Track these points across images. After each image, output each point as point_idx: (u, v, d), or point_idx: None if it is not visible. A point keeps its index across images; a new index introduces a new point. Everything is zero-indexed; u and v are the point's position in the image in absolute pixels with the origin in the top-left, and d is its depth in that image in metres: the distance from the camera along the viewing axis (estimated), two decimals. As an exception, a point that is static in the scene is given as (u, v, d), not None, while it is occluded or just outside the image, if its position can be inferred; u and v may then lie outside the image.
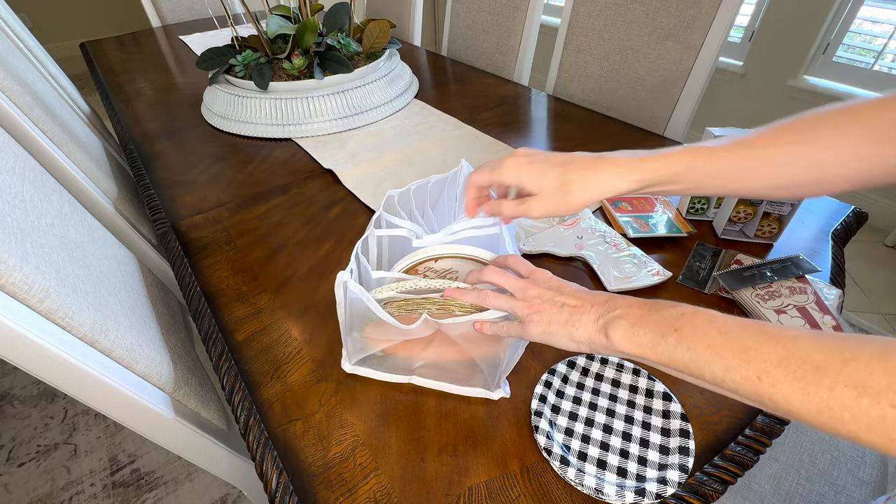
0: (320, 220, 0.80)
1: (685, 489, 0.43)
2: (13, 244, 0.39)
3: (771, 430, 0.48)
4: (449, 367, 0.52)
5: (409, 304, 0.45)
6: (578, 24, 1.21)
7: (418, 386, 0.53)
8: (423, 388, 0.53)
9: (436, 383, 0.53)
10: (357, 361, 0.54)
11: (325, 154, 0.99)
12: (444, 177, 0.57)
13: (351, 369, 0.54)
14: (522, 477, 0.45)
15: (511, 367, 0.49)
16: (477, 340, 0.48)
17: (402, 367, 0.53)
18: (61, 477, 1.15)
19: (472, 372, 0.51)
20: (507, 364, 0.48)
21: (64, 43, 3.21)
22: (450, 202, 0.57)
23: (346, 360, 0.55)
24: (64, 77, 1.29)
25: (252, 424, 0.49)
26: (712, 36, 0.97)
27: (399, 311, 0.46)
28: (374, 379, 0.54)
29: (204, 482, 1.12)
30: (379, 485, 0.45)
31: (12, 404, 1.31)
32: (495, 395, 0.51)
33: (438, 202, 0.58)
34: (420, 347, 0.52)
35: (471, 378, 0.51)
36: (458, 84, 1.35)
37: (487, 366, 0.50)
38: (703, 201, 0.75)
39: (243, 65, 1.07)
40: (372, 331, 0.49)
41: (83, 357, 0.43)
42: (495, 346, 0.47)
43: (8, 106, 0.71)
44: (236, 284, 0.67)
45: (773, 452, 0.63)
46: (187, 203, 0.85)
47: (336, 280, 0.43)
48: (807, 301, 0.57)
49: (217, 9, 1.92)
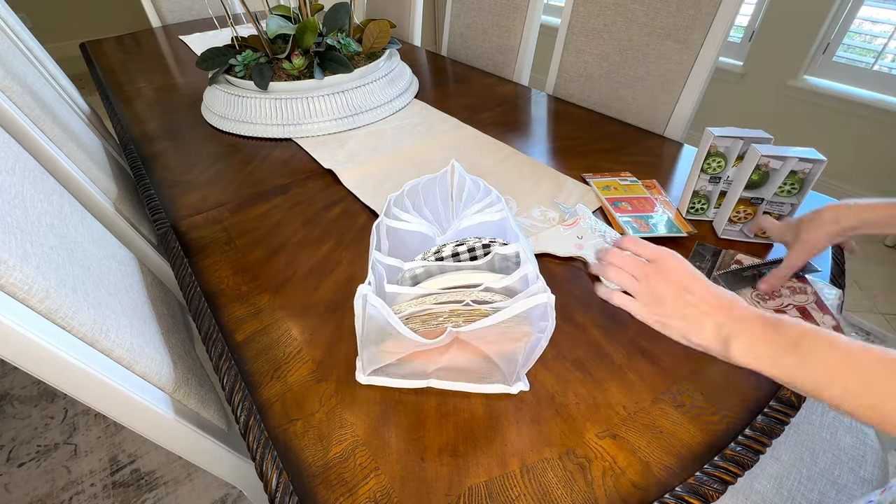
0: (320, 220, 0.80)
1: (685, 489, 0.43)
2: (13, 244, 0.39)
3: (771, 430, 0.48)
4: (466, 368, 0.52)
5: (433, 317, 0.44)
6: (578, 24, 1.21)
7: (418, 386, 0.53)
8: (422, 387, 0.53)
9: (454, 384, 0.52)
10: (371, 372, 0.53)
11: (325, 154, 0.99)
12: (434, 176, 0.59)
13: (366, 381, 0.53)
14: (522, 477, 0.45)
15: (533, 361, 0.49)
16: (495, 339, 0.47)
17: (418, 373, 0.52)
18: (61, 477, 1.15)
19: (489, 369, 0.52)
20: (530, 358, 0.48)
21: (64, 43, 3.21)
22: (444, 201, 0.60)
23: (360, 373, 0.53)
24: (64, 77, 1.29)
25: (252, 424, 0.49)
26: (712, 36, 0.97)
27: (424, 326, 0.45)
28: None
29: (204, 482, 1.12)
30: (379, 485, 0.45)
31: (12, 404, 1.31)
32: (514, 388, 0.52)
33: (429, 199, 0.60)
34: (438, 352, 0.51)
35: (489, 375, 0.52)
36: (458, 84, 1.35)
37: (505, 362, 0.50)
38: (704, 201, 0.75)
39: (243, 65, 1.07)
40: (392, 346, 0.48)
41: (83, 357, 0.43)
42: (513, 343, 0.47)
43: (8, 106, 0.71)
44: (236, 284, 0.67)
45: (775, 452, 0.63)
46: (187, 203, 0.85)
47: (356, 293, 0.42)
48: (807, 301, 0.57)
49: (217, 9, 1.92)
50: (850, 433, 0.65)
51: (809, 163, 0.63)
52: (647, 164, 0.92)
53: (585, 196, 0.83)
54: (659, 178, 0.86)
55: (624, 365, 0.55)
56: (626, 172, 0.87)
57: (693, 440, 0.47)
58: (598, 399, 0.51)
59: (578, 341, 0.57)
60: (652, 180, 0.85)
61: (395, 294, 0.46)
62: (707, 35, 0.98)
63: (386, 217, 0.53)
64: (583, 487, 0.44)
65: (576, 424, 0.49)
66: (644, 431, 0.48)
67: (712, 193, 0.74)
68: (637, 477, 0.45)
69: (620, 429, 0.49)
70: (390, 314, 0.42)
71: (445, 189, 0.60)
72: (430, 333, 0.44)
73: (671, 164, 0.93)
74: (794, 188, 0.66)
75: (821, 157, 0.63)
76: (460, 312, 0.44)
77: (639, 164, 0.91)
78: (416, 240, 0.53)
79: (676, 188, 0.84)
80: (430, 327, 0.45)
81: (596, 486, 0.44)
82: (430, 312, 0.44)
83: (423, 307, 0.44)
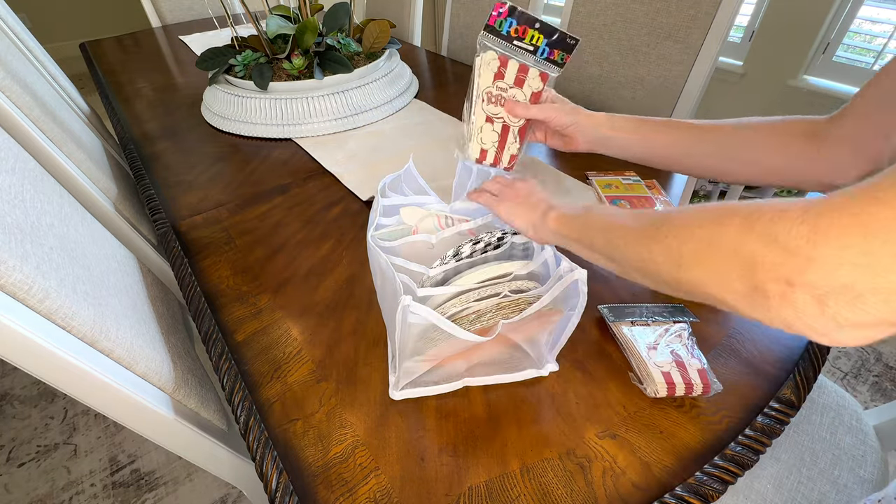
0: (320, 220, 0.80)
1: (685, 489, 0.43)
2: (13, 244, 0.39)
3: (771, 430, 0.48)
4: (498, 360, 0.53)
5: (480, 315, 0.44)
6: (578, 24, 1.21)
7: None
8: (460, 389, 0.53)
9: (488, 378, 0.53)
10: (405, 385, 0.52)
11: (325, 154, 0.99)
12: (398, 174, 0.63)
13: (400, 396, 0.52)
14: (522, 477, 0.45)
15: (565, 340, 0.50)
16: (528, 325, 0.48)
17: (452, 375, 0.52)
18: (61, 477, 1.15)
19: (519, 357, 0.52)
20: (560, 337, 0.50)
21: (64, 43, 3.21)
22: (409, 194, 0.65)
23: (393, 389, 0.52)
24: (64, 77, 1.29)
25: (252, 424, 0.49)
26: (712, 36, 0.97)
27: (472, 326, 0.44)
28: (373, 378, 0.54)
29: (204, 482, 1.12)
30: (379, 485, 0.45)
31: (12, 404, 1.31)
32: (545, 370, 0.53)
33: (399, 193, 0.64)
34: (472, 350, 0.51)
35: (520, 363, 0.53)
36: (458, 84, 1.35)
37: (533, 347, 0.51)
38: (704, 201, 0.75)
39: (243, 65, 1.07)
40: (437, 351, 0.47)
41: (83, 357, 0.43)
42: (542, 326, 0.48)
43: (8, 106, 0.71)
44: (236, 284, 0.67)
45: (774, 452, 0.63)
46: (187, 203, 0.85)
47: (399, 304, 0.40)
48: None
49: (217, 9, 1.92)
50: (850, 433, 0.65)
51: (809, 163, 0.63)
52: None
53: (585, 195, 0.83)
54: (659, 178, 0.86)
55: (624, 365, 0.55)
56: (630, 172, 0.87)
57: (693, 440, 0.47)
58: (598, 399, 0.51)
59: (578, 341, 0.57)
60: (652, 180, 0.85)
61: (427, 297, 0.46)
62: (707, 35, 0.98)
63: (382, 198, 0.56)
64: (583, 487, 0.44)
65: (576, 424, 0.49)
66: (644, 431, 0.48)
67: (712, 193, 0.74)
68: (637, 477, 0.45)
69: (620, 429, 0.49)
70: (441, 319, 0.41)
71: (416, 184, 0.63)
72: (481, 331, 0.44)
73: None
74: (793, 189, 0.66)
75: (821, 157, 0.62)
76: (506, 305, 0.44)
77: (639, 164, 0.91)
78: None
79: (677, 188, 0.84)
80: (479, 325, 0.44)
81: (596, 486, 0.44)
82: (475, 311, 0.44)
83: (466, 305, 0.44)
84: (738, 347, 0.56)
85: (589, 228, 0.43)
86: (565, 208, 0.47)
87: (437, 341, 0.44)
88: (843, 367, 1.34)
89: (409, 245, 0.54)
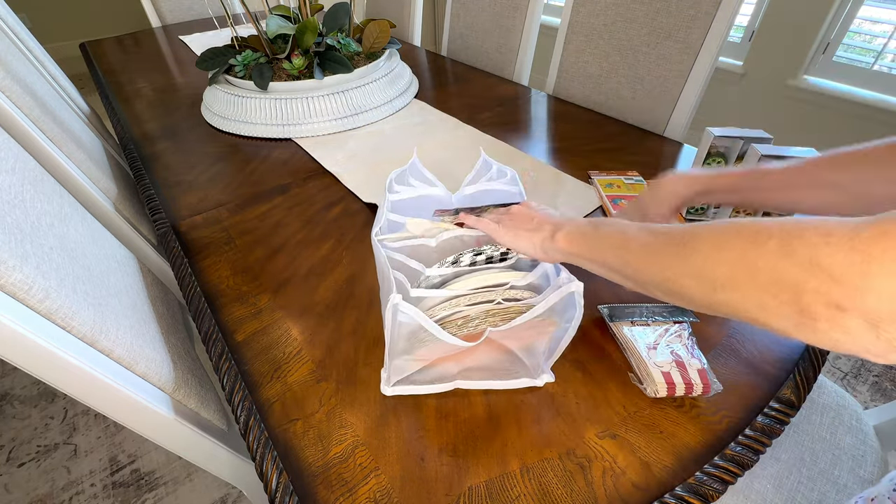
0: (320, 220, 0.80)
1: (685, 489, 0.43)
2: (13, 244, 0.39)
3: (771, 430, 0.48)
4: (491, 366, 0.52)
5: (468, 321, 0.44)
6: (578, 24, 1.21)
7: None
8: (449, 390, 0.53)
9: (480, 383, 0.52)
10: (396, 381, 0.52)
11: (325, 154, 0.99)
12: (404, 168, 0.64)
13: (391, 391, 0.52)
14: (522, 477, 0.45)
15: (560, 352, 0.49)
16: (522, 334, 0.48)
17: (444, 376, 0.52)
18: (61, 477, 1.15)
19: (514, 365, 0.52)
20: (556, 349, 0.49)
21: (64, 43, 3.21)
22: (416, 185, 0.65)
23: (384, 384, 0.52)
24: (64, 77, 1.29)
25: (252, 424, 0.49)
26: (712, 36, 0.97)
27: (460, 330, 0.45)
28: (374, 379, 0.54)
29: (204, 482, 1.12)
30: (379, 485, 0.45)
31: (12, 404, 1.31)
32: (540, 381, 0.52)
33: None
34: (465, 353, 0.51)
35: (514, 370, 0.52)
36: (458, 84, 1.35)
37: (529, 355, 0.51)
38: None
39: (243, 65, 1.07)
40: (426, 352, 0.47)
41: (83, 357, 0.43)
42: (538, 336, 0.48)
43: (8, 106, 0.71)
44: (236, 284, 0.67)
45: (774, 452, 0.63)
46: (187, 203, 0.85)
47: (389, 302, 0.41)
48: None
49: (217, 9, 1.92)
50: (850, 433, 0.65)
51: (809, 163, 0.63)
52: (648, 164, 0.92)
53: (586, 194, 0.83)
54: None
55: (624, 365, 0.55)
56: (632, 172, 0.87)
57: (693, 440, 0.47)
58: (598, 399, 0.51)
59: (578, 341, 0.57)
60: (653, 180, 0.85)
61: (421, 298, 0.45)
62: (707, 35, 0.98)
63: (389, 192, 0.56)
64: (583, 487, 0.44)
65: (576, 424, 0.49)
66: (644, 431, 0.48)
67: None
68: (637, 477, 0.45)
69: (620, 429, 0.49)
70: (427, 321, 0.41)
71: (423, 177, 0.64)
72: (468, 337, 0.44)
73: (671, 164, 0.93)
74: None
75: (821, 157, 0.62)
76: (495, 312, 0.44)
77: (639, 164, 0.91)
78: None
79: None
80: (467, 330, 0.45)
81: (596, 486, 0.44)
82: (464, 315, 0.44)
83: (456, 310, 0.44)
84: (738, 347, 0.56)
85: (600, 245, 0.42)
86: (572, 226, 0.45)
87: (425, 342, 0.44)
88: (843, 367, 1.34)
89: (412, 248, 0.53)
